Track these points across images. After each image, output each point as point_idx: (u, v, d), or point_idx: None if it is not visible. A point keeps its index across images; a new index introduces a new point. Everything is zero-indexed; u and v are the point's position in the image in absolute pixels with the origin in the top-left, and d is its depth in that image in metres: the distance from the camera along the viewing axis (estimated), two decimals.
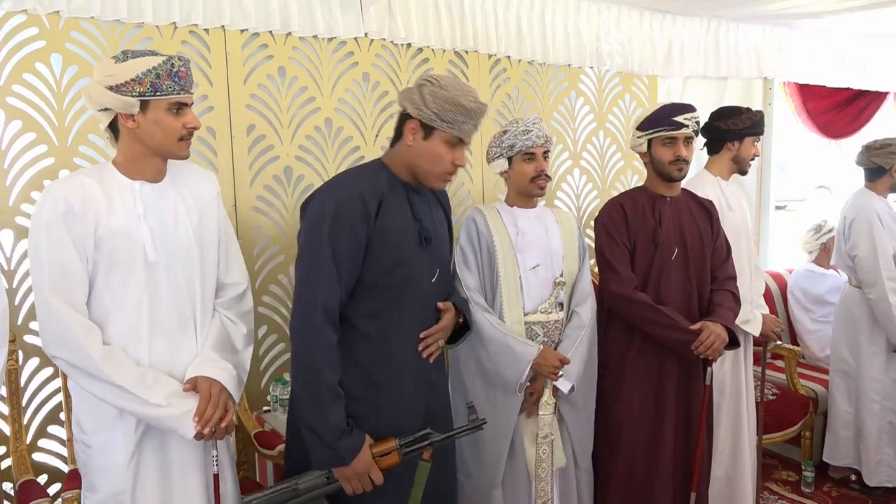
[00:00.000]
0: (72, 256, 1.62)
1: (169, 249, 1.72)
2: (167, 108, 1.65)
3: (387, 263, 1.77)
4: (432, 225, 1.90)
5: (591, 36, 3.49)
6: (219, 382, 1.71)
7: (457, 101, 1.74)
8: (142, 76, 1.61)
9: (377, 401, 1.80)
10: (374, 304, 1.79)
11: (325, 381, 1.69)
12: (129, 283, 1.67)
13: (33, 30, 2.27)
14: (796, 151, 5.14)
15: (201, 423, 1.65)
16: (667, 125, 2.40)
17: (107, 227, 1.64)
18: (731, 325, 2.40)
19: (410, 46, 3.00)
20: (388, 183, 1.81)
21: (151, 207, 1.71)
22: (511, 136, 2.33)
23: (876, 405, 3.22)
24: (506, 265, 2.31)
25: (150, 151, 1.69)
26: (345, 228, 1.71)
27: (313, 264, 1.72)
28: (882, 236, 3.12)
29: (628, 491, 2.47)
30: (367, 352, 1.80)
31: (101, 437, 1.69)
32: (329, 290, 1.71)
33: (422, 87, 1.77)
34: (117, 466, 1.68)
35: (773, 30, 4.17)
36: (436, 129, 1.76)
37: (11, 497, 2.16)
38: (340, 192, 1.75)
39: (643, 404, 2.45)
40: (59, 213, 1.60)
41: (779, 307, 4.06)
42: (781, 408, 3.39)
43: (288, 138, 2.75)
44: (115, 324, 1.67)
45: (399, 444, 1.74)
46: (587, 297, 2.38)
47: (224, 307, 1.85)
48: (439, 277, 1.91)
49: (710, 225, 2.55)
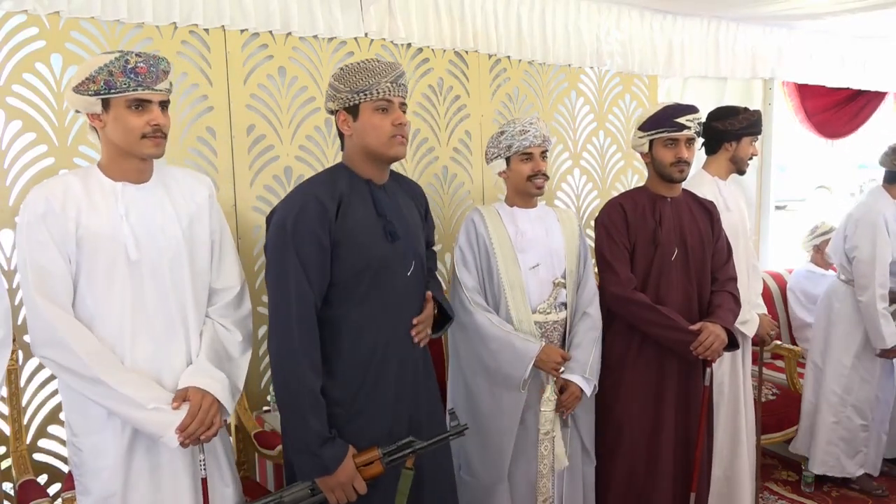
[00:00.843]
0: (53, 257, 1.62)
1: (155, 249, 1.70)
2: (126, 106, 1.63)
3: (356, 263, 1.77)
4: (401, 219, 1.88)
5: (592, 36, 3.49)
6: (210, 395, 1.69)
7: (359, 70, 1.78)
8: (94, 74, 1.60)
9: (360, 403, 1.79)
10: (349, 305, 1.78)
11: (305, 388, 1.69)
12: (113, 284, 1.66)
13: (33, 30, 2.26)
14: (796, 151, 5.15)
15: (183, 436, 1.64)
16: (669, 126, 2.40)
17: (87, 228, 1.64)
18: (730, 326, 2.40)
19: (410, 46, 2.99)
20: (348, 183, 1.81)
21: (134, 208, 1.70)
22: (508, 137, 2.33)
23: (835, 398, 3.28)
24: (507, 265, 2.31)
25: (122, 151, 1.68)
26: (307, 235, 1.71)
27: (282, 274, 1.72)
28: (884, 241, 3.13)
29: (628, 491, 2.48)
30: (348, 352, 1.78)
31: (91, 439, 1.69)
32: (301, 296, 1.70)
33: (330, 82, 1.84)
34: (107, 469, 1.67)
35: (773, 30, 4.16)
36: (358, 105, 1.78)
37: (11, 497, 2.15)
38: (299, 200, 1.76)
39: (643, 405, 2.46)
40: (38, 214, 1.61)
41: (779, 307, 4.06)
42: (781, 408, 3.40)
43: (288, 138, 2.75)
44: (99, 326, 1.66)
45: (382, 454, 1.73)
46: (594, 297, 2.40)
47: (218, 314, 1.84)
48: (415, 270, 1.89)
49: (711, 226, 2.55)
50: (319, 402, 1.71)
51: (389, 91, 1.78)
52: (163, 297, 1.72)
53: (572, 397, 2.28)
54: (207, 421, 1.67)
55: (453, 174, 3.17)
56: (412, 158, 3.05)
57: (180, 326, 1.75)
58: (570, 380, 2.27)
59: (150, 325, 1.70)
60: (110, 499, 1.67)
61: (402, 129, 1.80)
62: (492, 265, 2.31)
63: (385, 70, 1.78)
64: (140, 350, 1.68)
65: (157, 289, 1.71)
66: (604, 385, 2.45)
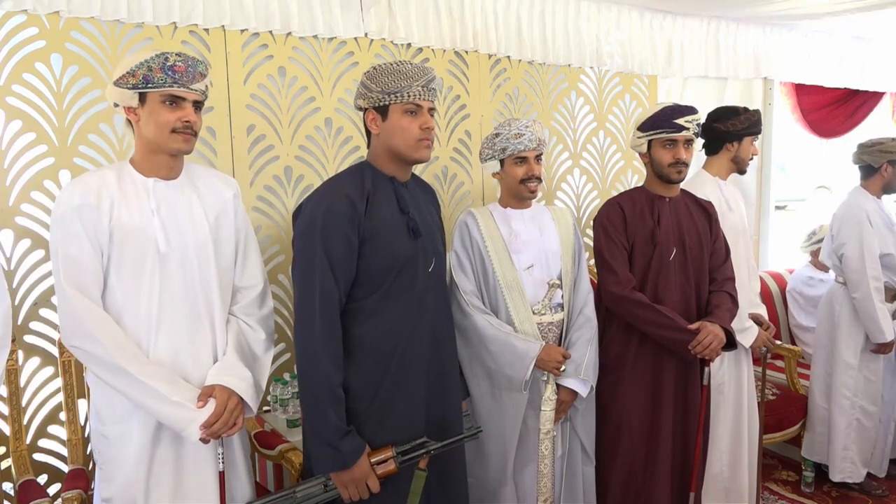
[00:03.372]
0: (85, 248, 1.66)
1: (183, 243, 1.75)
2: (161, 101, 1.68)
3: (382, 260, 1.79)
4: (422, 217, 1.91)
5: (592, 36, 3.49)
6: (237, 395, 1.72)
7: (392, 72, 1.80)
8: (135, 69, 1.66)
9: (382, 396, 1.81)
10: (373, 300, 1.80)
11: (326, 382, 1.71)
12: (142, 277, 1.70)
13: (33, 30, 2.27)
14: (797, 151, 5.15)
15: (207, 433, 1.66)
16: (667, 127, 2.40)
17: (118, 220, 1.68)
18: (728, 326, 2.40)
19: (410, 46, 3.00)
20: (373, 181, 1.84)
21: (165, 202, 1.74)
22: (503, 139, 2.31)
23: (846, 401, 3.27)
24: (502, 267, 2.30)
25: (153, 146, 1.72)
26: (336, 231, 1.74)
27: (308, 269, 1.74)
28: (870, 237, 3.14)
29: (627, 491, 2.48)
30: (371, 346, 1.80)
31: (118, 428, 1.72)
32: (327, 292, 1.73)
33: (362, 81, 1.86)
34: (132, 458, 1.70)
35: (773, 30, 4.17)
36: (389, 106, 1.80)
37: (11, 497, 2.16)
38: (329, 196, 1.79)
39: (641, 404, 2.46)
40: (73, 206, 1.66)
41: (779, 307, 4.07)
42: (781, 408, 3.39)
43: (288, 138, 2.75)
44: (128, 318, 1.69)
45: (396, 453, 1.74)
46: (589, 298, 2.39)
47: (243, 312, 1.87)
48: (436, 266, 1.93)
49: (710, 226, 2.55)
50: (339, 396, 1.73)
51: (420, 95, 1.80)
52: (190, 291, 1.75)
53: (563, 404, 2.28)
54: (231, 420, 1.70)
55: (453, 174, 3.17)
56: None
57: (206, 320, 1.78)
58: (563, 385, 2.27)
59: (177, 318, 1.73)
60: (134, 485, 1.69)
61: (429, 133, 1.83)
62: (487, 267, 2.31)
63: (418, 74, 1.80)
64: (166, 342, 1.72)
65: (185, 283, 1.74)
66: (602, 385, 2.44)
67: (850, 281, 3.19)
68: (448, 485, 1.94)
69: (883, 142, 3.21)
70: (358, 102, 1.88)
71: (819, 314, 3.47)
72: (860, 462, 3.32)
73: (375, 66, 1.84)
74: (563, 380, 2.26)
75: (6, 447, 2.25)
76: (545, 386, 2.26)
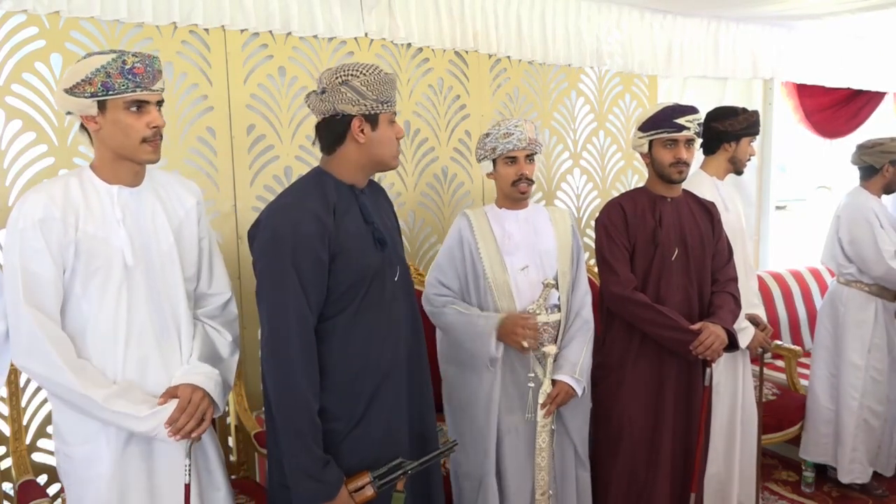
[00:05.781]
0: (46, 265, 1.59)
1: (148, 254, 1.70)
2: (124, 107, 1.60)
3: (351, 275, 1.70)
4: (382, 222, 1.83)
5: (592, 36, 3.49)
6: (201, 389, 1.69)
7: (385, 80, 1.71)
8: (91, 76, 1.57)
9: (359, 415, 1.73)
10: (343, 316, 1.71)
11: (308, 412, 1.64)
12: (107, 289, 1.65)
13: (33, 30, 2.26)
14: (796, 151, 5.14)
15: (173, 430, 1.63)
16: (668, 127, 2.40)
17: (84, 232, 1.62)
18: (730, 327, 2.40)
19: (410, 46, 2.99)
20: (336, 192, 1.73)
21: (129, 212, 1.69)
22: (493, 139, 2.30)
23: (854, 402, 3.27)
24: (493, 269, 2.30)
25: (118, 155, 1.66)
26: (308, 254, 1.63)
27: (280, 293, 1.63)
28: (882, 235, 3.17)
29: (628, 492, 2.48)
30: (344, 364, 1.72)
31: (84, 448, 1.67)
32: (303, 317, 1.64)
33: (347, 82, 1.67)
34: (102, 477, 1.65)
35: (773, 30, 4.16)
36: (378, 115, 1.71)
37: (11, 497, 2.15)
38: (294, 213, 1.66)
39: (643, 405, 2.46)
40: (36, 219, 1.58)
41: (779, 307, 4.06)
42: (781, 408, 3.39)
43: (288, 138, 2.75)
44: (93, 331, 1.65)
45: (373, 478, 1.68)
46: (586, 298, 2.38)
47: (208, 316, 1.85)
48: (401, 275, 1.85)
49: (712, 226, 2.55)
50: (318, 425, 1.66)
51: (395, 104, 1.77)
52: (156, 300, 1.71)
53: (562, 394, 2.26)
54: (198, 415, 1.66)
55: (453, 174, 3.17)
56: (412, 158, 3.05)
57: (173, 329, 1.74)
58: (558, 379, 2.26)
59: (144, 328, 1.69)
60: None
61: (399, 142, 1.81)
62: (477, 268, 2.30)
63: (394, 82, 1.75)
64: (134, 353, 1.67)
65: (151, 292, 1.70)
66: (604, 385, 2.44)
67: (869, 269, 3.19)
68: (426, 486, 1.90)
69: (883, 142, 3.21)
70: (343, 108, 1.68)
71: (820, 314, 3.47)
72: (867, 462, 3.32)
73: (364, 70, 1.69)
74: (557, 374, 2.26)
75: (6, 447, 2.24)
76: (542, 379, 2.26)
